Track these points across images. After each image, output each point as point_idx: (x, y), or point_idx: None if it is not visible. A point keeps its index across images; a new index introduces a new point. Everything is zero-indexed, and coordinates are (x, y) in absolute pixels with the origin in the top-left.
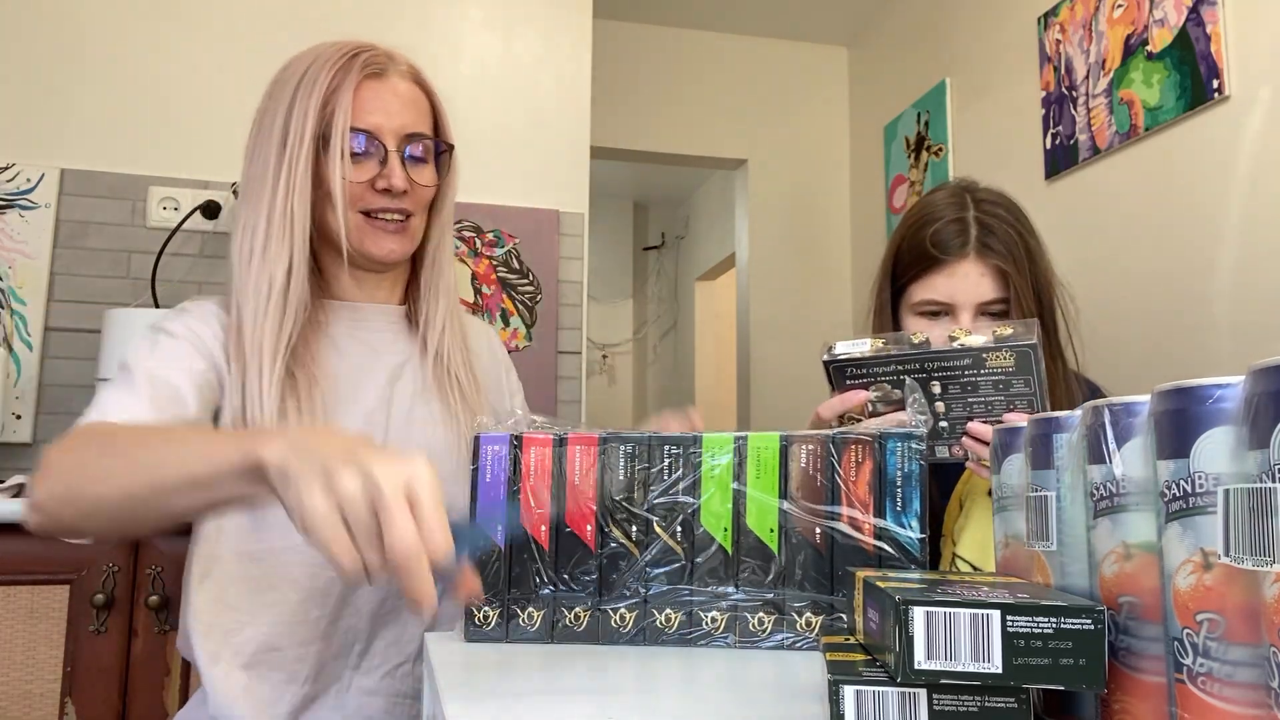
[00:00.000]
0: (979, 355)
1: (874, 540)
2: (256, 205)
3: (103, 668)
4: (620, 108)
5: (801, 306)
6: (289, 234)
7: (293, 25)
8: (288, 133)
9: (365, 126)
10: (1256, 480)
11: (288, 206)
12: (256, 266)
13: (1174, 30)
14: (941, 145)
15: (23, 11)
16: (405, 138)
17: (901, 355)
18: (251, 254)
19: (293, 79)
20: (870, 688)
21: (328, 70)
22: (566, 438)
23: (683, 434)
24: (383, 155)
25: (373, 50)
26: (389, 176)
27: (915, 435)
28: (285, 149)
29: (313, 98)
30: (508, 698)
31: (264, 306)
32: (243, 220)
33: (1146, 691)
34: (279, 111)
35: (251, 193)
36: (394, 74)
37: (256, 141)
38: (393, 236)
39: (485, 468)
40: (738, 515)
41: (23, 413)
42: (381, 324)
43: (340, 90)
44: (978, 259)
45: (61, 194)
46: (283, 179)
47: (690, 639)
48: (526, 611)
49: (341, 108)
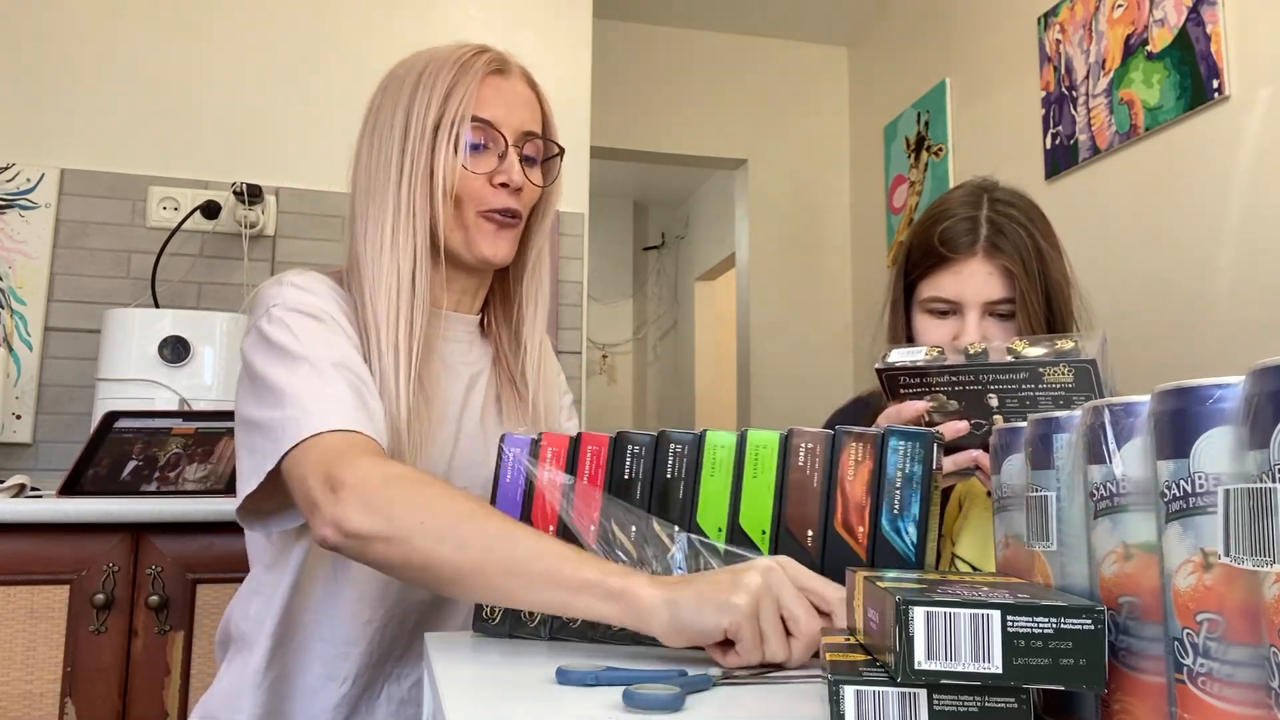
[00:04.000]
0: (1036, 369)
1: (867, 545)
2: (382, 198)
3: (103, 668)
4: (620, 108)
5: (801, 306)
6: (413, 227)
7: (293, 25)
8: (409, 124)
9: (488, 117)
10: (1256, 480)
11: (411, 200)
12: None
13: (1174, 30)
14: (941, 145)
15: (23, 12)
16: (522, 135)
17: (957, 366)
18: (381, 250)
19: (412, 74)
20: (870, 688)
21: (450, 66)
22: (580, 438)
23: (686, 432)
24: (502, 149)
25: (493, 50)
26: (508, 170)
27: (922, 435)
28: (407, 139)
29: (436, 89)
30: (507, 697)
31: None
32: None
33: (1146, 691)
34: (399, 105)
35: (375, 186)
36: (514, 74)
37: (374, 137)
38: (505, 237)
39: (506, 468)
40: (734, 515)
41: (23, 413)
42: (459, 332)
43: (462, 84)
44: (986, 258)
45: (61, 194)
46: (406, 170)
47: None
48: (528, 609)
49: (466, 99)
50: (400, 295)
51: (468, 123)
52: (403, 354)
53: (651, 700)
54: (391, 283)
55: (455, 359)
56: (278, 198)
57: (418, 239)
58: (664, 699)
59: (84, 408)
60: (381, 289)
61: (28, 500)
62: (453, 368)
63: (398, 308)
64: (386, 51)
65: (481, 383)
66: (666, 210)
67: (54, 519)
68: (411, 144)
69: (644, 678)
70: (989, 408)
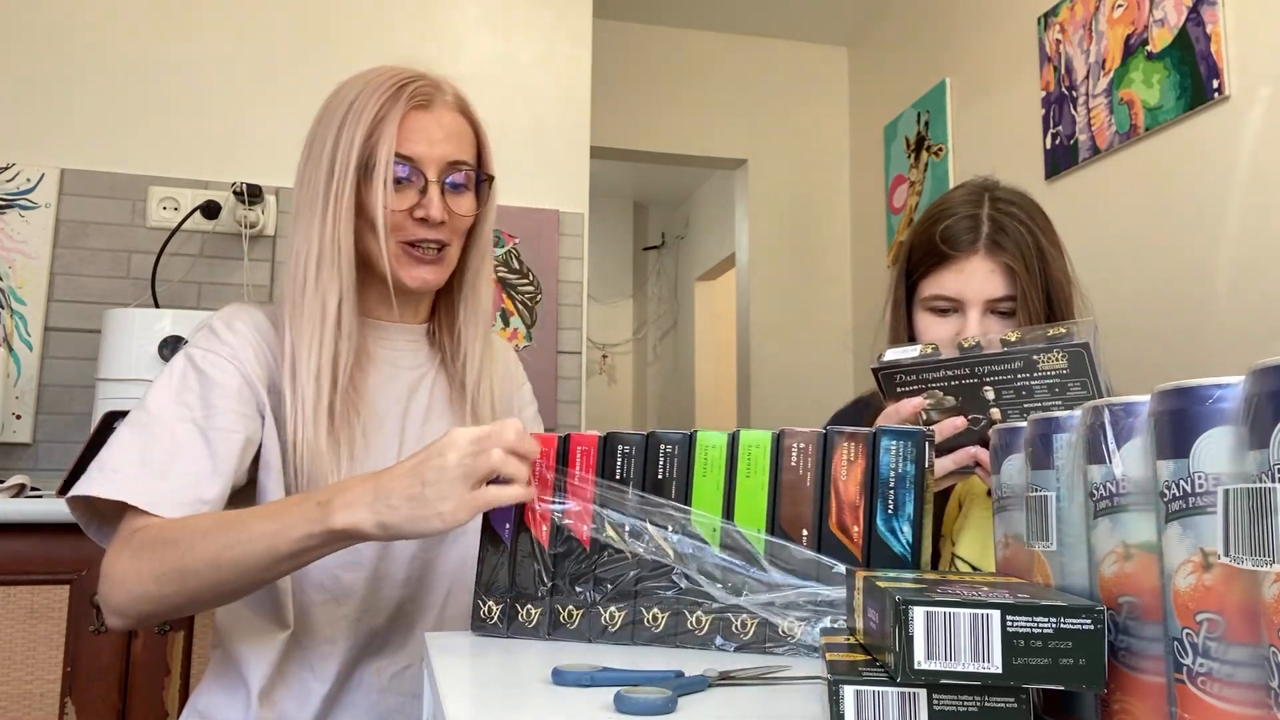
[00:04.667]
0: (1029, 357)
1: (862, 545)
2: (308, 232)
3: (103, 668)
4: (620, 108)
5: (801, 306)
6: (338, 261)
7: (293, 26)
8: (335, 160)
9: (408, 155)
10: (1256, 480)
11: (335, 234)
12: (310, 294)
13: (1174, 30)
14: (941, 145)
15: (23, 11)
16: (447, 165)
17: (951, 360)
18: (305, 281)
19: (341, 107)
20: (870, 688)
21: (375, 99)
22: (569, 438)
23: (677, 432)
24: (423, 185)
25: (421, 80)
26: (427, 206)
27: (913, 434)
28: (332, 177)
29: (360, 126)
30: (505, 696)
31: (318, 335)
32: (295, 247)
33: (1146, 691)
34: (327, 138)
35: (302, 219)
36: (440, 105)
37: (306, 167)
38: (427, 266)
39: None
40: (727, 515)
41: (23, 413)
42: (403, 341)
43: (386, 120)
44: (987, 256)
45: (61, 194)
46: (330, 206)
47: (676, 639)
48: (525, 609)
49: (386, 137)
50: (325, 328)
51: (390, 160)
52: (325, 382)
53: (643, 705)
54: (314, 316)
55: (399, 365)
56: (277, 197)
57: (343, 273)
58: (655, 703)
59: (84, 408)
60: (305, 322)
61: (28, 500)
62: (396, 374)
63: (321, 340)
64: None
65: (425, 386)
66: (666, 210)
67: (54, 519)
68: (336, 179)
69: (639, 679)
70: (986, 401)
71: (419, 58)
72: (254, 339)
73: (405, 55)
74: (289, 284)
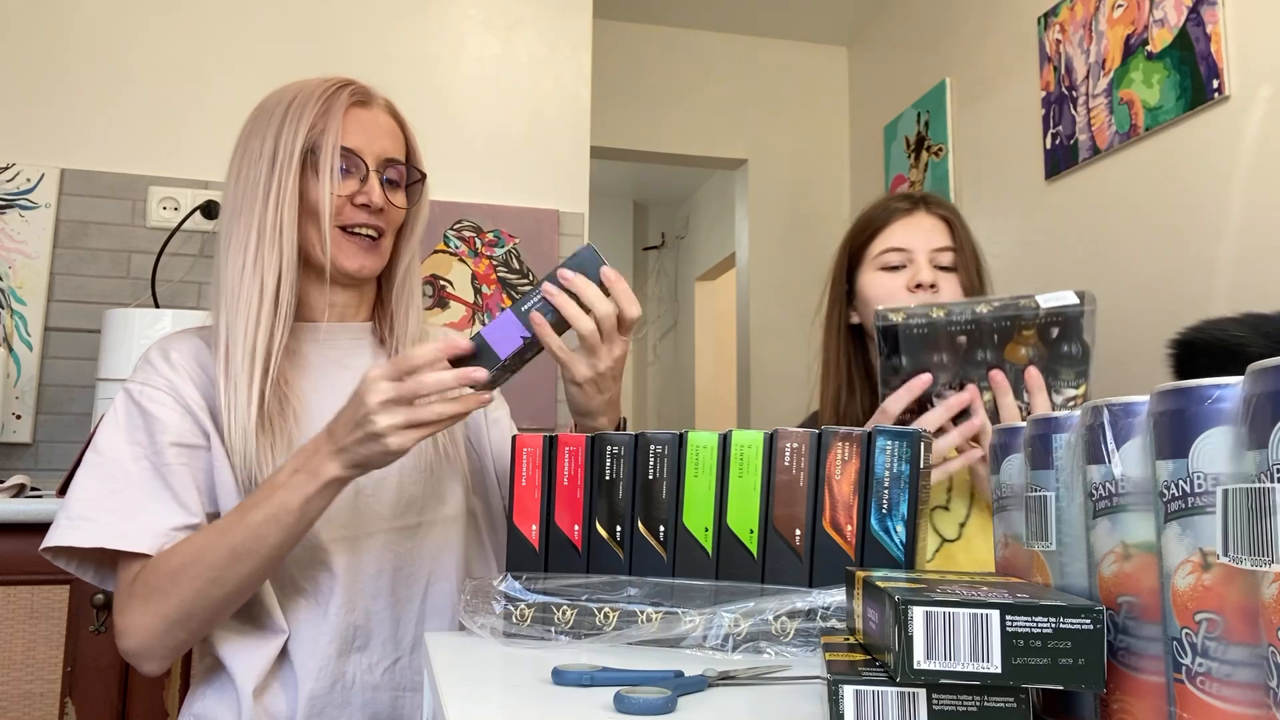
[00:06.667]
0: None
1: (856, 544)
2: (247, 222)
3: (103, 668)
4: (620, 108)
5: (801, 306)
6: (279, 245)
7: (293, 26)
8: (277, 151)
9: (350, 146)
10: (1255, 480)
11: (278, 219)
12: (249, 277)
13: (1174, 30)
14: (941, 145)
15: (23, 11)
16: (384, 162)
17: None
18: (243, 267)
19: (279, 107)
20: (870, 688)
21: (316, 96)
22: (556, 439)
23: (666, 432)
24: (364, 173)
25: (356, 83)
26: (369, 193)
27: (909, 434)
28: (275, 166)
29: (303, 120)
30: (505, 696)
31: (255, 314)
32: (232, 238)
33: (1145, 691)
34: (267, 134)
35: (241, 211)
36: (375, 105)
37: (242, 163)
38: (366, 253)
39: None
40: (720, 515)
41: (23, 413)
42: (346, 340)
43: (331, 113)
44: (928, 212)
45: (61, 194)
46: (273, 194)
47: (669, 640)
48: (520, 610)
49: (331, 128)
50: (263, 308)
51: (336, 146)
52: (259, 362)
53: (642, 705)
54: (253, 296)
55: (346, 365)
56: None
57: (284, 255)
58: (654, 703)
59: (84, 408)
60: (241, 303)
61: (28, 500)
62: (338, 374)
63: (257, 320)
64: (386, 51)
65: None
66: (666, 210)
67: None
68: (279, 169)
69: (639, 679)
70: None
71: (419, 58)
72: (190, 367)
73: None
74: (227, 274)
